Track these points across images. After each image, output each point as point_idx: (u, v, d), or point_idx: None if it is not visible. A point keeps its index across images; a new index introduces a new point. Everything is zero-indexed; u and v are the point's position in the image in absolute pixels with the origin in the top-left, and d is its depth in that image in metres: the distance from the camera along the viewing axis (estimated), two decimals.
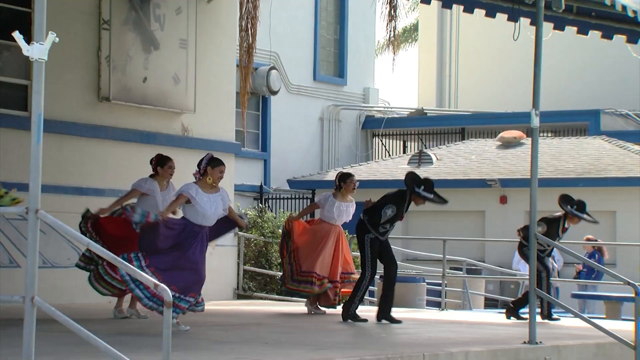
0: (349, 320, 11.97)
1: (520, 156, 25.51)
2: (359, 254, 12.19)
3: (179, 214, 10.44)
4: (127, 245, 10.64)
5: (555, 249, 14.78)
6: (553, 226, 13.36)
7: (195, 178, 10.16)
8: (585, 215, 13.52)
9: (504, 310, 14.11)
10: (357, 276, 13.27)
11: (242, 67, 15.71)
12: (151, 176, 11.58)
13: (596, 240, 19.92)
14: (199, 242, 9.96)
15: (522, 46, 18.76)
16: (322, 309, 13.42)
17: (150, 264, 9.77)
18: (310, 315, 13.27)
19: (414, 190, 11.73)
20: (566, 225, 13.50)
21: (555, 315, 13.65)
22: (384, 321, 11.93)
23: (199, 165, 10.17)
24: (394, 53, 16.32)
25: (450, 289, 18.62)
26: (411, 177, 11.90)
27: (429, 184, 11.81)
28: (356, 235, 12.12)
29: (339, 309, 13.27)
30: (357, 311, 12.05)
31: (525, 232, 13.17)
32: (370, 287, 13.31)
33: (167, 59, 15.21)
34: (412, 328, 11.61)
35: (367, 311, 12.67)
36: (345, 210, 13.19)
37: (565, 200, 13.55)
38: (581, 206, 13.50)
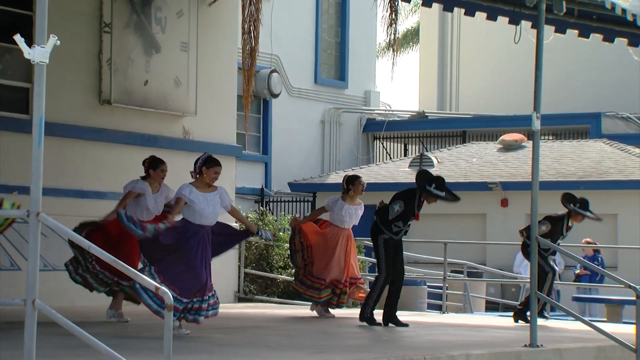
0: (365, 323, 11.93)
1: (522, 159, 25.51)
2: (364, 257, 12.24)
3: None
4: (127, 249, 10.65)
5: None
6: (557, 225, 13.35)
7: (192, 177, 10.19)
8: (588, 213, 13.51)
9: (512, 314, 14.06)
10: (362, 282, 13.31)
11: (245, 70, 15.70)
12: (143, 178, 11.54)
13: (595, 243, 19.91)
14: (199, 243, 9.93)
15: (523, 49, 18.78)
16: (332, 312, 13.40)
17: (158, 269, 9.78)
18: (312, 318, 13.26)
19: (424, 188, 11.64)
20: (570, 224, 13.48)
21: (545, 314, 13.67)
22: (390, 325, 11.92)
23: (195, 163, 10.20)
24: (394, 56, 16.33)
25: (451, 291, 18.63)
26: (421, 174, 11.84)
27: (439, 181, 11.72)
28: (371, 238, 12.06)
29: (351, 311, 13.30)
30: (374, 314, 12.01)
31: (528, 232, 13.14)
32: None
33: (168, 62, 15.21)
34: (413, 331, 11.61)
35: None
36: (355, 213, 13.13)
37: (567, 198, 13.55)
38: (584, 204, 13.50)
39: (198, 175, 10.13)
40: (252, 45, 15.70)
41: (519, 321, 13.42)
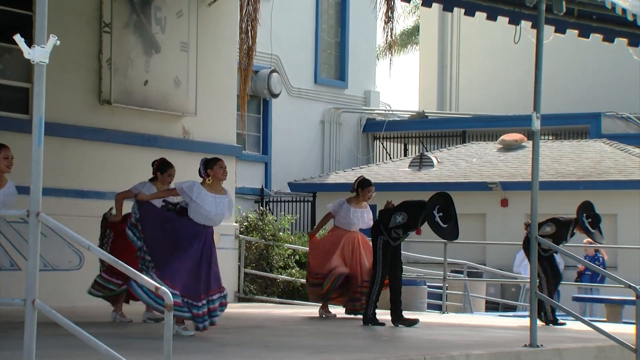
0: (369, 325, 11.92)
1: (521, 159, 25.51)
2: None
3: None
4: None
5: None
6: (562, 229, 13.14)
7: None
8: (594, 232, 13.20)
9: (542, 322, 13.27)
10: None
11: (242, 70, 15.72)
12: (150, 180, 11.53)
13: (592, 243, 19.89)
14: (200, 244, 9.86)
15: (523, 49, 18.77)
16: (332, 312, 13.36)
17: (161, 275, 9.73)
18: (314, 318, 13.26)
19: (430, 211, 11.42)
20: (574, 231, 13.35)
21: (560, 320, 13.53)
22: (400, 325, 11.89)
23: (200, 174, 10.09)
24: (391, 55, 16.37)
25: (451, 291, 18.62)
26: (435, 198, 11.51)
27: (448, 213, 11.39)
28: (371, 237, 12.14)
29: (343, 310, 13.30)
30: (376, 314, 12.02)
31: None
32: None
33: (168, 62, 15.21)
34: (413, 331, 11.61)
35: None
36: (361, 216, 13.05)
37: (585, 208, 13.20)
38: (595, 221, 13.14)
39: (207, 179, 9.99)
40: (249, 45, 15.74)
41: (550, 324, 13.17)
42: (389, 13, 15.76)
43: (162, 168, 11.51)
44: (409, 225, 11.80)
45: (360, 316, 12.47)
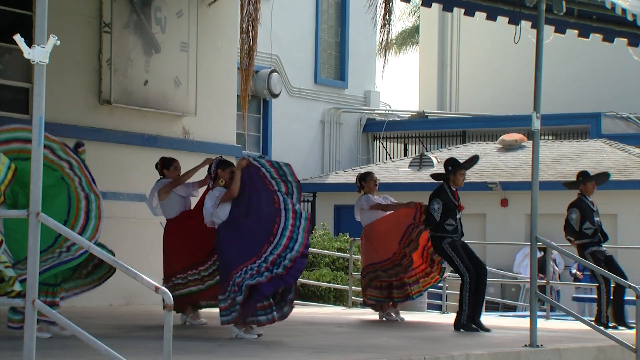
0: (461, 330, 11.50)
1: (521, 159, 25.52)
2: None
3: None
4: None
5: (555, 252, 14.74)
6: (582, 206, 13.06)
7: (208, 184, 10.14)
8: (593, 176, 13.26)
9: (611, 325, 13.07)
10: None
11: (243, 70, 15.69)
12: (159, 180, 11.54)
13: None
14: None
15: (523, 49, 18.76)
16: (394, 316, 12.99)
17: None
18: (314, 318, 13.25)
19: (447, 176, 11.69)
20: (590, 199, 13.24)
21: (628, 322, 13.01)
22: (473, 326, 11.52)
23: (209, 171, 10.12)
24: (386, 57, 16.36)
25: (451, 291, 18.61)
26: (435, 175, 12.00)
27: (452, 162, 11.82)
28: (436, 251, 11.87)
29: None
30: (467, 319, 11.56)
31: (569, 233, 13.01)
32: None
33: (168, 62, 15.21)
34: (412, 331, 11.61)
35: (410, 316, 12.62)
36: (385, 199, 13.03)
37: (580, 176, 13.35)
38: (585, 175, 13.24)
39: (213, 181, 10.02)
40: (250, 45, 15.69)
41: (618, 328, 12.81)
42: (387, 16, 15.74)
43: (166, 164, 11.52)
44: (449, 207, 11.62)
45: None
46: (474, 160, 12.07)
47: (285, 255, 9.57)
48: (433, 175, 12.13)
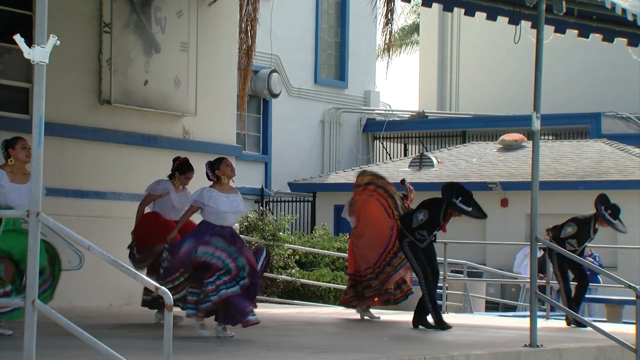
0: (420, 327, 11.70)
1: (521, 159, 25.52)
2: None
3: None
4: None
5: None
6: (584, 227, 13.01)
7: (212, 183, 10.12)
8: (616, 223, 13.19)
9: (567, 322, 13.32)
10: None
11: (241, 70, 15.71)
12: (169, 177, 11.51)
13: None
14: (224, 239, 9.82)
15: (523, 49, 18.77)
16: (376, 315, 13.17)
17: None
18: (314, 318, 13.25)
19: (450, 201, 11.44)
20: (597, 226, 13.24)
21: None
22: (420, 327, 11.73)
23: (207, 176, 10.10)
24: (389, 56, 16.35)
25: (451, 291, 18.62)
26: (449, 186, 11.62)
27: (466, 195, 11.49)
28: (399, 243, 11.94)
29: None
30: (428, 317, 11.75)
31: (555, 232, 13.02)
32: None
33: (168, 62, 15.21)
34: (412, 331, 11.61)
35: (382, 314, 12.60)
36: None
37: (601, 200, 13.14)
38: (615, 211, 13.13)
39: (217, 180, 10.02)
40: (248, 45, 15.71)
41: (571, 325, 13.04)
42: (389, 15, 15.74)
43: (182, 169, 11.43)
44: (432, 223, 11.57)
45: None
46: (480, 216, 11.78)
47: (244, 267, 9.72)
48: (446, 186, 11.68)
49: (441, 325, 11.57)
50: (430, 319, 11.77)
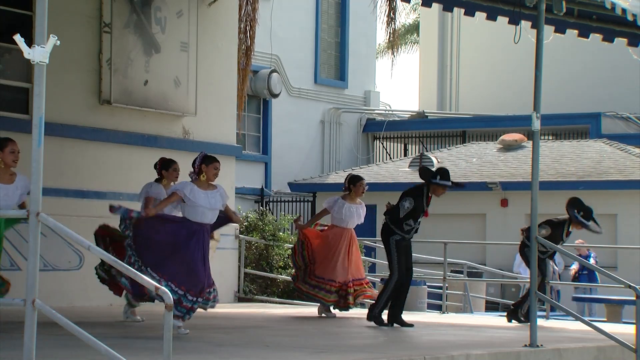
0: (372, 322, 11.90)
1: (521, 159, 25.52)
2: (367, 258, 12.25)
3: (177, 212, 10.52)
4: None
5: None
6: (557, 230, 13.19)
7: (191, 178, 10.23)
8: (590, 224, 13.26)
9: (505, 313, 14.08)
10: (367, 282, 13.27)
11: (240, 70, 15.71)
12: (156, 180, 11.58)
13: (584, 243, 19.88)
14: (198, 242, 10.00)
15: (523, 49, 18.78)
16: (334, 312, 13.36)
17: (162, 274, 9.81)
18: (314, 318, 13.26)
19: (430, 181, 11.66)
20: (570, 230, 13.33)
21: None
22: (395, 325, 11.90)
23: (193, 164, 10.26)
24: (393, 55, 16.35)
25: (451, 291, 18.63)
26: (424, 170, 11.91)
27: (444, 172, 11.80)
28: (382, 239, 11.99)
29: (352, 312, 13.28)
30: (382, 314, 11.97)
31: (529, 232, 13.07)
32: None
33: (168, 62, 15.21)
34: (413, 331, 11.62)
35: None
36: (356, 212, 13.08)
37: (572, 204, 13.28)
38: (588, 213, 13.18)
39: (197, 175, 10.19)
40: (248, 45, 15.73)
41: (512, 321, 13.41)
42: (391, 14, 15.75)
43: (166, 165, 11.61)
44: (416, 210, 11.66)
45: (347, 311, 12.88)
46: (461, 186, 12.38)
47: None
48: (423, 169, 12.03)
49: (379, 320, 11.87)
50: (404, 316, 12.06)
